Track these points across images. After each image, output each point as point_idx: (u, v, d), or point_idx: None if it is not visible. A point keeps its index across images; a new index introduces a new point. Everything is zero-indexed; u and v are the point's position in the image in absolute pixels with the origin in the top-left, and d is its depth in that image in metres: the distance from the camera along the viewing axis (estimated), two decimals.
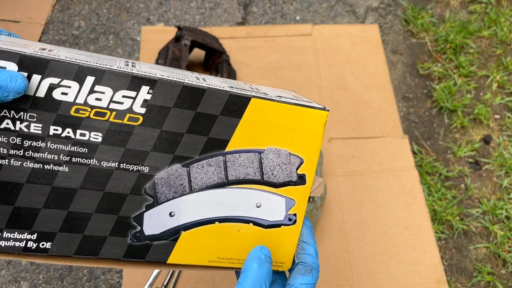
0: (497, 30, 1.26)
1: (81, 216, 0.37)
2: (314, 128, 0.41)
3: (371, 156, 0.99)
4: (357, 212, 0.93)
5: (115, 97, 0.35)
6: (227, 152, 0.40)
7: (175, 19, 1.18)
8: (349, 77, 1.08)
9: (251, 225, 0.42)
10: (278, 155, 0.41)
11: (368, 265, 0.88)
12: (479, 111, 1.12)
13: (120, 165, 0.37)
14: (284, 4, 1.24)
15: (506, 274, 0.96)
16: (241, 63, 1.06)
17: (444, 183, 1.03)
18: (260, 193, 0.41)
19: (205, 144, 0.39)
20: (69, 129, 0.35)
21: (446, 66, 1.19)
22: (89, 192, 0.37)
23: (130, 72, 0.35)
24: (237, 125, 0.39)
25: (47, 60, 0.33)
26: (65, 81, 0.34)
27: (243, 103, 0.38)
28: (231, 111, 0.38)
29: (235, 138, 0.39)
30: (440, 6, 1.31)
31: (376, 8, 1.27)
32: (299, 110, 0.40)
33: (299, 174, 0.42)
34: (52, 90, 0.34)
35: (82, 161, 0.36)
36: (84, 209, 0.37)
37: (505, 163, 1.06)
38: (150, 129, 0.37)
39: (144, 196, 0.38)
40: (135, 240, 0.38)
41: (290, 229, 0.43)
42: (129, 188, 0.38)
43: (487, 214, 1.01)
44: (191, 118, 0.38)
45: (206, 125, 0.38)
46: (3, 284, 0.84)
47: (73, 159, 0.36)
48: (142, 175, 0.38)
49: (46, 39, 1.11)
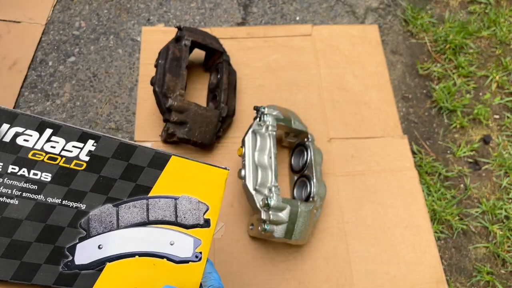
0: (496, 30, 1.26)
1: (22, 244, 0.42)
2: (218, 182, 0.52)
3: (371, 156, 0.99)
4: (357, 212, 0.93)
5: (67, 146, 0.44)
6: (150, 196, 0.49)
7: (175, 19, 1.18)
8: (348, 77, 1.08)
9: (164, 260, 0.49)
10: (190, 202, 0.51)
11: (368, 264, 0.88)
12: (478, 111, 1.12)
13: (62, 202, 0.44)
14: (284, 4, 1.24)
15: (505, 273, 0.96)
16: (241, 63, 1.06)
17: (444, 183, 1.04)
18: (174, 232, 0.50)
19: (133, 189, 0.47)
20: (25, 168, 0.42)
21: (446, 66, 1.19)
22: (32, 223, 0.43)
23: (81, 129, 0.44)
24: (159, 175, 0.49)
25: (16, 113, 0.42)
26: (28, 130, 0.42)
27: (165, 159, 0.49)
28: (155, 164, 0.48)
29: (157, 185, 0.49)
30: (439, 7, 1.31)
31: (376, 8, 1.27)
32: (206, 168, 0.51)
33: (205, 218, 0.52)
34: (17, 136, 0.42)
35: (31, 196, 0.43)
36: (26, 238, 0.42)
37: (504, 163, 1.07)
38: (91, 174, 0.45)
39: (79, 230, 0.45)
40: (66, 269, 0.44)
41: (196, 265, 0.51)
42: (67, 222, 0.44)
43: (487, 214, 1.01)
44: (123, 168, 0.47)
45: (135, 174, 0.47)
46: None
47: (24, 194, 0.42)
48: (80, 212, 0.45)
49: (46, 39, 1.11)
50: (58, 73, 1.07)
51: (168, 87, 0.87)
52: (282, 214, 0.79)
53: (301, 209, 0.81)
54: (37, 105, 1.03)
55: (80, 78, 1.07)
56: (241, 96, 1.03)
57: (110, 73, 1.09)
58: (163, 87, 0.87)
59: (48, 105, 1.03)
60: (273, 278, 0.85)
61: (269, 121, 0.86)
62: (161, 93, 0.86)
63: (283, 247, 0.88)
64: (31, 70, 1.07)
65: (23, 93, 1.04)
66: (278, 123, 0.87)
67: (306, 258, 0.87)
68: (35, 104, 1.03)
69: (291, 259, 0.87)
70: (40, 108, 1.02)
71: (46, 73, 1.07)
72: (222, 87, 0.94)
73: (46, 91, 1.05)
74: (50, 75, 1.07)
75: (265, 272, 0.85)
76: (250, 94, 1.03)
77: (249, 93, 1.03)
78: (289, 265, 0.86)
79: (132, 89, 1.07)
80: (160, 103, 0.87)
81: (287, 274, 0.86)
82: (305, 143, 0.90)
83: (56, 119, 1.02)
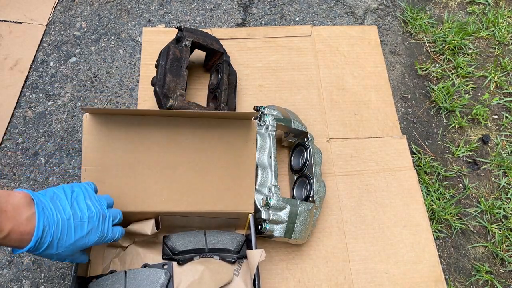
0: (495, 31, 1.27)
1: None
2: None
3: (370, 156, 1.00)
4: (356, 211, 0.94)
5: None
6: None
7: (175, 20, 1.18)
8: (348, 77, 1.09)
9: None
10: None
11: (367, 263, 0.89)
12: (477, 111, 1.13)
13: None
14: (283, 5, 1.25)
15: (504, 273, 0.96)
16: (241, 64, 1.07)
17: (442, 183, 1.04)
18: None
19: None
20: None
21: (445, 67, 1.20)
22: None
23: None
24: None
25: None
26: None
27: None
28: None
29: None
30: (438, 7, 1.31)
31: (375, 9, 1.28)
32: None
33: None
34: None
35: None
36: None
37: (503, 163, 1.07)
38: None
39: None
40: None
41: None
42: None
43: (485, 214, 1.02)
44: None
45: None
46: (5, 283, 0.85)
47: None
48: None
49: (48, 39, 1.12)
50: (59, 74, 1.08)
51: (169, 88, 0.87)
52: (282, 213, 0.80)
53: (301, 209, 0.81)
54: (38, 105, 1.03)
55: (81, 79, 1.08)
56: (241, 96, 1.03)
57: (111, 73, 1.09)
58: (163, 87, 0.87)
59: (49, 105, 1.04)
60: (272, 277, 0.85)
61: (269, 121, 0.87)
62: (161, 93, 0.87)
63: (282, 246, 0.88)
64: (32, 71, 1.07)
65: (24, 93, 1.05)
66: (278, 123, 0.88)
67: (305, 257, 0.88)
68: (36, 104, 1.04)
69: (290, 258, 0.87)
70: (41, 108, 1.03)
71: (47, 73, 1.08)
72: (223, 87, 0.94)
73: (47, 91, 1.05)
74: (51, 76, 1.08)
75: (265, 271, 0.85)
76: (250, 94, 1.04)
77: (249, 94, 1.04)
78: (289, 264, 0.87)
79: (133, 89, 1.07)
80: (161, 103, 0.87)
81: (286, 273, 0.86)
82: (305, 143, 0.91)
83: (57, 119, 1.02)
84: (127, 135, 0.73)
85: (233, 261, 0.79)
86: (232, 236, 0.80)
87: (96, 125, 0.71)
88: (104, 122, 0.72)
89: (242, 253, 0.80)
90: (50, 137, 1.00)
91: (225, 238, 0.80)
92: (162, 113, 0.75)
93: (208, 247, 0.78)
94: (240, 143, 0.77)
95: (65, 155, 0.98)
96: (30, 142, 0.99)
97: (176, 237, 0.78)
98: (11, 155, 0.97)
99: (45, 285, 0.85)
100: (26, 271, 0.86)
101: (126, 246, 0.80)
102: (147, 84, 1.00)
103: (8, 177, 0.95)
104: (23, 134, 1.00)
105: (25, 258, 0.87)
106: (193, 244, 0.78)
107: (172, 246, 0.77)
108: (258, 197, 0.80)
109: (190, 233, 0.79)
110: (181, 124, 0.75)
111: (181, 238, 0.78)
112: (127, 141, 0.73)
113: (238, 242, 0.80)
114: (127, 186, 0.73)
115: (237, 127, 0.77)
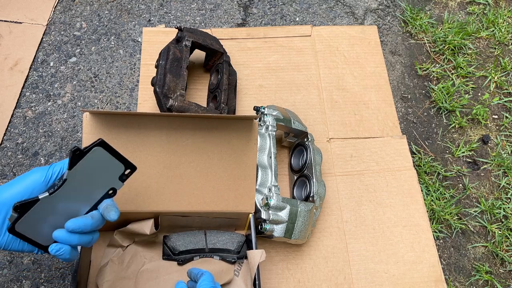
0: (495, 31, 1.27)
1: None
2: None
3: (370, 156, 1.00)
4: (356, 212, 0.94)
5: None
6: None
7: (175, 20, 1.18)
8: (348, 77, 1.09)
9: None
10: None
11: (367, 264, 0.89)
12: (477, 111, 1.13)
13: None
14: (283, 5, 1.25)
15: (504, 273, 0.96)
16: (241, 64, 1.07)
17: (443, 183, 1.04)
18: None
19: None
20: None
21: (445, 67, 1.20)
22: None
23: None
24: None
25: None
26: None
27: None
28: None
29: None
30: (438, 7, 1.32)
31: (375, 9, 1.28)
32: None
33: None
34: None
35: None
36: None
37: (503, 163, 1.07)
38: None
39: None
40: None
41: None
42: None
43: (485, 214, 1.02)
44: None
45: None
46: (5, 283, 0.85)
47: None
48: None
49: (48, 40, 1.12)
50: (59, 74, 1.08)
51: (169, 88, 0.87)
52: (282, 213, 0.80)
53: (301, 209, 0.81)
54: (38, 105, 1.03)
55: (81, 79, 1.08)
56: (241, 96, 1.03)
57: (111, 73, 1.09)
58: (163, 87, 0.87)
59: (49, 105, 1.04)
60: (272, 277, 0.85)
61: (269, 121, 0.87)
62: (161, 93, 0.87)
63: (282, 246, 0.88)
64: (32, 71, 1.07)
65: (24, 93, 1.05)
66: (278, 123, 0.88)
67: (305, 257, 0.88)
68: (36, 104, 1.04)
69: (290, 258, 0.88)
70: (41, 108, 1.03)
71: (47, 73, 1.08)
72: (223, 87, 0.94)
73: (47, 91, 1.05)
74: (51, 76, 1.08)
75: (265, 271, 0.85)
76: (250, 94, 1.04)
77: (249, 94, 1.04)
78: (289, 264, 0.87)
79: (133, 89, 1.08)
80: (161, 103, 0.88)
81: (286, 273, 0.86)
82: (305, 143, 0.91)
83: (57, 119, 1.02)
84: (127, 135, 0.73)
85: (233, 261, 0.79)
86: (233, 236, 0.80)
87: (96, 125, 0.71)
88: (104, 122, 0.72)
89: (242, 253, 0.80)
90: (50, 137, 1.00)
91: (225, 238, 0.80)
92: (163, 116, 0.75)
93: (208, 247, 0.78)
94: (241, 144, 0.77)
95: (65, 155, 0.98)
96: (30, 142, 0.99)
97: (176, 237, 0.78)
98: (11, 155, 0.97)
99: (45, 285, 0.85)
100: (26, 271, 0.86)
101: (126, 245, 0.80)
102: (147, 84, 1.00)
103: (8, 177, 0.95)
104: (23, 134, 1.00)
105: (25, 258, 0.87)
106: (193, 244, 0.78)
107: (172, 246, 0.77)
108: (258, 197, 0.80)
109: (190, 233, 0.79)
110: (182, 124, 0.75)
111: (181, 238, 0.78)
112: (127, 141, 0.73)
113: (239, 242, 0.80)
114: (127, 185, 0.73)
115: (238, 128, 0.77)
